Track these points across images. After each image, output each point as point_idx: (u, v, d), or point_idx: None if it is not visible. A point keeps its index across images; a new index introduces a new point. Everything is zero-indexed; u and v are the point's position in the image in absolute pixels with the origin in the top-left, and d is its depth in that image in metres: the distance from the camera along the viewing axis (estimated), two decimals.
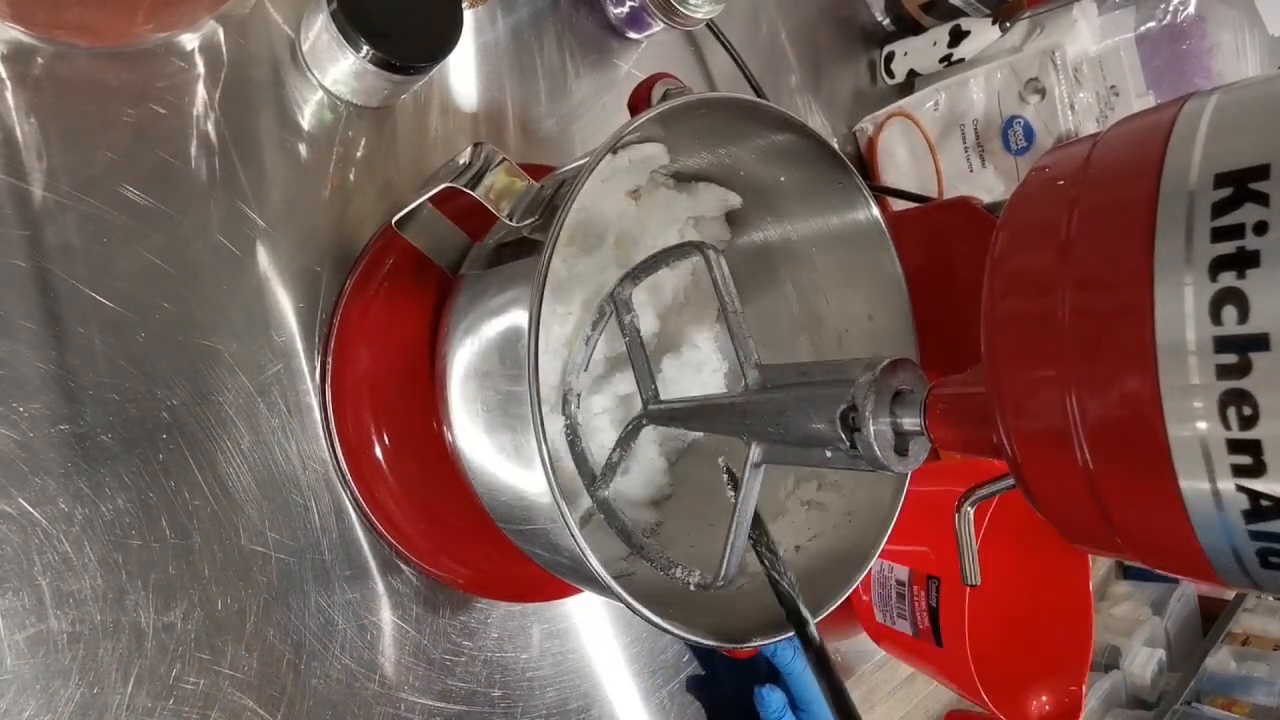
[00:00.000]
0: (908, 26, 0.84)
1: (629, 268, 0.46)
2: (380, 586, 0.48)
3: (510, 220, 0.38)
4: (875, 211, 0.48)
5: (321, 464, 0.46)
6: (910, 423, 0.34)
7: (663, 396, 0.46)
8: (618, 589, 0.37)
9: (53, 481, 0.38)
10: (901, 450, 0.35)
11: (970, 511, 0.39)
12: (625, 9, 0.60)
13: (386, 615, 0.48)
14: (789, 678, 0.60)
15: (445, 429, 0.43)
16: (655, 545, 0.45)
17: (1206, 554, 0.24)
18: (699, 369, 0.52)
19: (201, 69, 0.44)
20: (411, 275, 0.47)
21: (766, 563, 0.40)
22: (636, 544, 0.44)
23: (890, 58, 0.84)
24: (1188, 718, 1.03)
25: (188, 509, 0.42)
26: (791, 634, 0.41)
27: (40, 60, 0.39)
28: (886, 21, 0.85)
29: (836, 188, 0.48)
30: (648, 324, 0.51)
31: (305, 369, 0.46)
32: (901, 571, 0.66)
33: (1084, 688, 0.72)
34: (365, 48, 0.42)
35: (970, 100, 0.77)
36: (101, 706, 0.38)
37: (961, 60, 0.79)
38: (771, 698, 0.59)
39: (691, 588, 0.43)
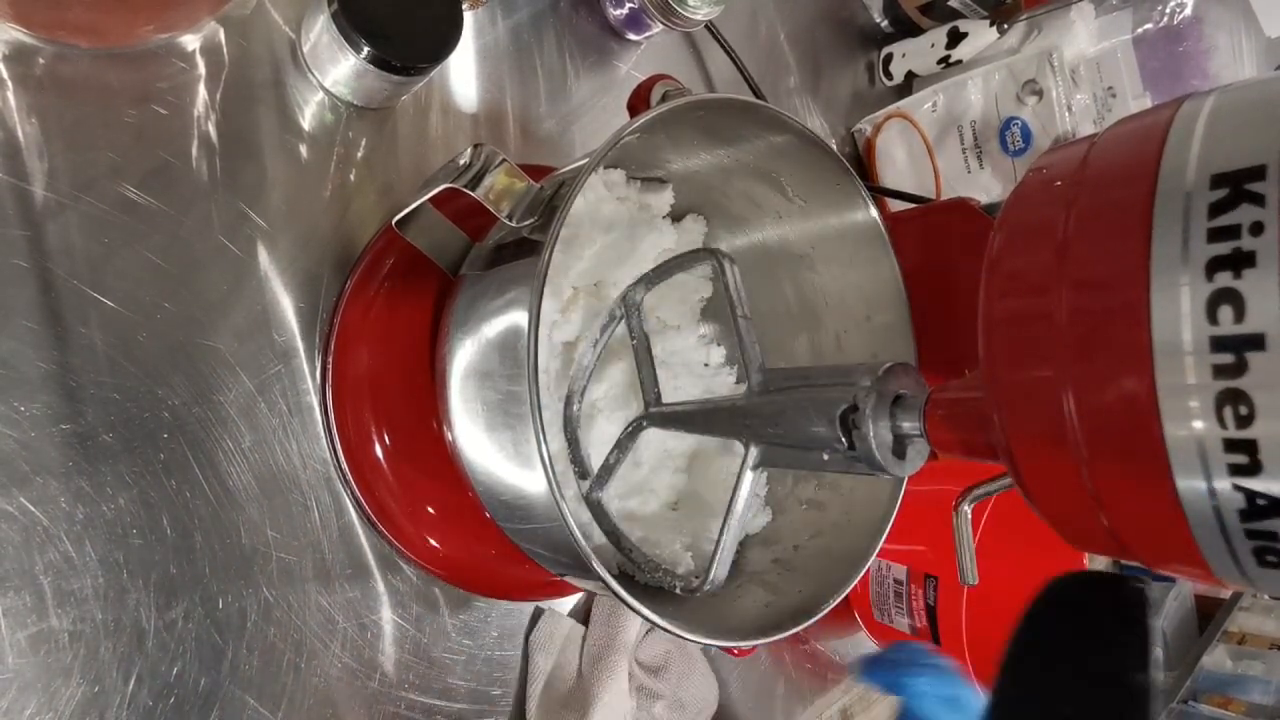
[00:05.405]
0: (906, 28, 0.84)
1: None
2: (380, 585, 0.48)
3: (510, 221, 0.38)
4: (873, 212, 0.48)
5: (322, 463, 0.47)
6: (910, 426, 0.34)
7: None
8: (617, 588, 0.37)
9: (54, 481, 0.38)
10: (899, 453, 0.35)
11: (968, 510, 0.39)
12: (624, 10, 0.60)
13: (387, 614, 0.48)
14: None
15: (445, 428, 0.43)
16: (642, 550, 0.45)
17: (1203, 553, 0.24)
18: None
19: (203, 70, 0.44)
20: (412, 276, 0.48)
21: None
22: (625, 547, 0.45)
23: (888, 59, 0.84)
24: (1184, 716, 1.03)
25: (189, 508, 0.42)
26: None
27: (42, 61, 0.39)
28: (885, 23, 0.85)
29: (835, 188, 0.48)
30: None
31: (306, 369, 0.46)
32: (899, 570, 0.67)
33: None
34: (365, 49, 0.42)
35: (968, 101, 0.77)
36: (103, 705, 0.39)
37: (959, 62, 0.80)
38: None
39: (678, 590, 0.43)
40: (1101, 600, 0.26)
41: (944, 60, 0.80)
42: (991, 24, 0.77)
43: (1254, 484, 0.22)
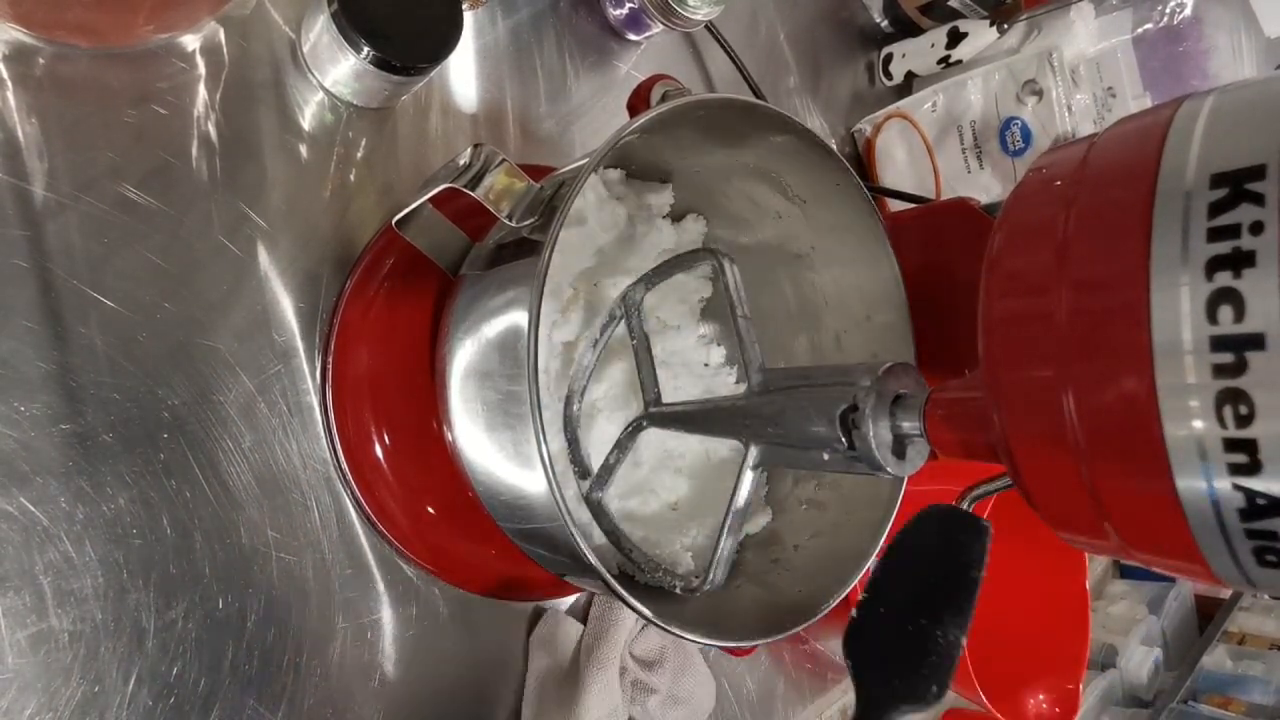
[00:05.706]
0: (906, 28, 0.84)
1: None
2: (380, 585, 0.48)
3: (510, 221, 0.38)
4: (873, 212, 0.48)
5: (322, 463, 0.47)
6: (910, 426, 0.34)
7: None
8: (617, 588, 0.37)
9: (54, 481, 0.38)
10: (899, 453, 0.35)
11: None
12: (624, 10, 0.60)
13: (386, 614, 0.48)
14: None
15: (445, 428, 0.43)
16: (642, 550, 0.45)
17: (1203, 553, 0.24)
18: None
19: (202, 70, 0.44)
20: (412, 275, 0.48)
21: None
22: (625, 547, 0.45)
23: (888, 59, 0.84)
24: (1184, 716, 1.03)
25: (189, 508, 0.42)
26: None
27: (41, 61, 0.39)
28: (885, 23, 0.85)
29: (835, 188, 0.48)
30: None
31: (306, 369, 0.46)
32: None
33: (1081, 686, 0.72)
34: (365, 49, 0.42)
35: (968, 102, 0.77)
36: (103, 705, 0.38)
37: (959, 62, 0.80)
38: None
39: (678, 590, 0.43)
40: (958, 525, 0.32)
41: (944, 60, 0.80)
42: (991, 24, 0.77)
43: (1254, 483, 0.22)
